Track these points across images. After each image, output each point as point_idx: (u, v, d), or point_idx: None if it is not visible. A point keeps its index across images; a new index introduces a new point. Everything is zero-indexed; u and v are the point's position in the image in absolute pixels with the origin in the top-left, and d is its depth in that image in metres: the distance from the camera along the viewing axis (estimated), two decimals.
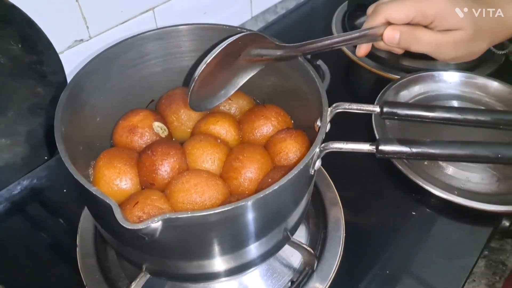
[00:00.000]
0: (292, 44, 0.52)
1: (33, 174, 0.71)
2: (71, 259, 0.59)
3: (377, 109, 0.46)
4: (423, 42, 0.51)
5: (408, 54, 0.54)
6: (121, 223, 0.37)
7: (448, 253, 0.60)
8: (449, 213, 0.64)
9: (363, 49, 0.55)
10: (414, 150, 0.41)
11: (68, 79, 0.69)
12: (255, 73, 0.54)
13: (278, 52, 0.53)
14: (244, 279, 0.57)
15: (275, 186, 0.40)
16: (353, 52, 0.91)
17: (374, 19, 0.51)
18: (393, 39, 0.50)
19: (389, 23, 0.51)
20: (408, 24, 0.50)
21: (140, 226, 0.37)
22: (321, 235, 0.61)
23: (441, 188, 0.63)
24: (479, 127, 0.44)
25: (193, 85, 0.49)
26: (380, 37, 0.51)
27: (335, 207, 0.64)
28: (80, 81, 0.50)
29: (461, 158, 0.41)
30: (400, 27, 0.50)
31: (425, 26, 0.51)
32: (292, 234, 0.53)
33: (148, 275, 0.50)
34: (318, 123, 0.49)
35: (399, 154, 0.42)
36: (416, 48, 0.51)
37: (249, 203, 0.40)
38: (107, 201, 0.38)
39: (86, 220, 0.62)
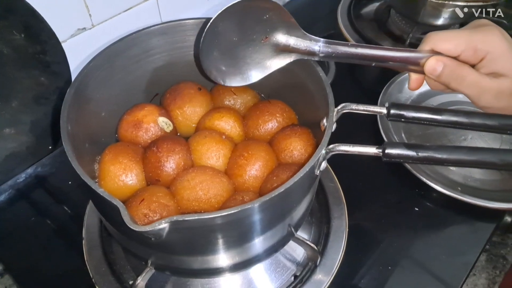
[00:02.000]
0: (322, 39, 0.48)
1: (38, 163, 0.71)
2: (77, 247, 0.60)
3: (384, 111, 0.46)
4: (467, 82, 0.44)
5: (413, 44, 0.51)
6: (129, 225, 0.37)
7: (450, 249, 0.61)
8: (452, 209, 0.64)
9: (414, 82, 0.48)
10: (421, 154, 0.41)
11: (71, 68, 0.68)
12: (285, 63, 0.51)
13: (304, 44, 0.48)
14: (248, 273, 0.58)
15: (281, 189, 0.41)
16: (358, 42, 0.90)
17: (421, 45, 0.46)
18: (434, 70, 0.45)
19: (435, 52, 0.45)
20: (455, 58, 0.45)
21: (147, 228, 0.37)
22: (324, 229, 0.62)
23: (444, 184, 0.64)
24: (486, 132, 0.44)
25: (203, 36, 0.47)
26: (421, 65, 0.45)
27: (338, 201, 0.64)
28: (85, 78, 0.50)
29: (467, 163, 0.41)
30: (445, 59, 0.44)
31: (472, 66, 0.45)
32: (296, 230, 0.53)
33: (153, 270, 0.51)
34: (324, 122, 0.49)
35: (405, 159, 0.42)
36: (456, 86, 0.45)
37: (256, 205, 0.40)
38: (115, 203, 0.39)
39: (91, 213, 0.62)
